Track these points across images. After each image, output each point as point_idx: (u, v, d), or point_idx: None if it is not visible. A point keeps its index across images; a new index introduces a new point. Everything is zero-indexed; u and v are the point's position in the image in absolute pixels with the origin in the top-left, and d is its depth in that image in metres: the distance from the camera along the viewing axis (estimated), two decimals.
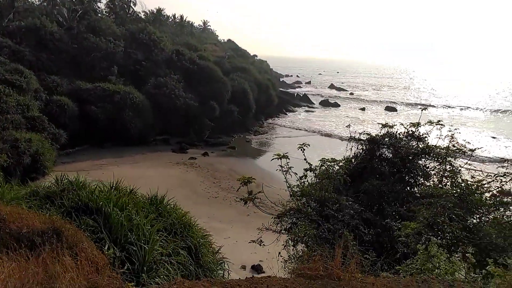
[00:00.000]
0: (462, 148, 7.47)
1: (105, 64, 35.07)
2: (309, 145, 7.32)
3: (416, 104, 66.76)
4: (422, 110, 10.42)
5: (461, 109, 66.75)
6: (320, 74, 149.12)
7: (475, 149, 7.49)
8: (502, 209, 5.88)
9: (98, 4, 49.55)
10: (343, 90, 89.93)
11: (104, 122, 29.95)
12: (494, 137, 42.14)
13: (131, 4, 55.07)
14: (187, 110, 34.97)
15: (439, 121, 7.91)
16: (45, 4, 44.85)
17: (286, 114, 54.44)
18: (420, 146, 7.89)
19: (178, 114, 34.44)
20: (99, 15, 45.75)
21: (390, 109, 63.49)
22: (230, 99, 39.98)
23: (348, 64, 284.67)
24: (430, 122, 7.95)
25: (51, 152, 21.88)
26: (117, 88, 31.98)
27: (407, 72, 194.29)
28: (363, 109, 62.90)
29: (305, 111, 58.96)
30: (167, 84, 34.92)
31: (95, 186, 7.05)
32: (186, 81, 37.75)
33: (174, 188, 17.74)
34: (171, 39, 46.94)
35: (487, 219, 5.87)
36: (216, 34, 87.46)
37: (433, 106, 65.91)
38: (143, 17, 59.36)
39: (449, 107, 68.01)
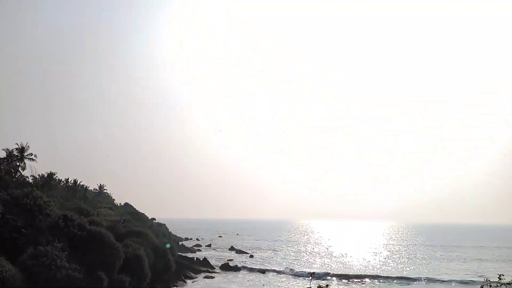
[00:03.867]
0: None
1: None
2: None
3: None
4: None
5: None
6: (220, 236, 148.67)
7: None
8: None
9: None
10: (244, 252, 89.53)
11: None
12: None
13: (19, 169, 52.28)
14: (68, 283, 30.60)
15: None
16: None
17: (185, 282, 51.03)
18: None
19: None
20: None
21: (290, 269, 63.70)
22: (122, 267, 36.54)
23: (249, 223, 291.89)
24: None
25: None
26: None
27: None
28: (263, 271, 62.11)
29: (205, 277, 56.04)
30: (48, 253, 31.03)
31: None
32: (73, 249, 34.10)
33: None
34: (60, 204, 44.06)
35: None
36: (113, 197, 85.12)
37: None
38: (31, 181, 56.06)
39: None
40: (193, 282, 52.82)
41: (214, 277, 56.50)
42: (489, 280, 10.12)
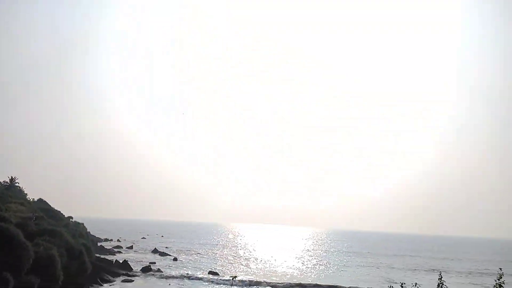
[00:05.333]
0: None
1: None
2: None
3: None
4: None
5: None
6: (144, 238, 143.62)
7: None
8: None
9: None
10: (167, 255, 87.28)
11: None
12: None
13: None
14: None
15: None
16: None
17: (101, 285, 48.23)
18: None
19: None
20: None
21: (213, 273, 63.26)
22: (31, 267, 33.58)
23: (176, 225, 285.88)
24: None
25: None
26: None
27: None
28: (186, 275, 60.92)
29: (123, 280, 53.51)
30: None
31: None
32: None
33: None
34: None
35: None
36: (25, 192, 78.36)
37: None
38: None
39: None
40: (110, 285, 50.17)
41: (133, 281, 54.17)
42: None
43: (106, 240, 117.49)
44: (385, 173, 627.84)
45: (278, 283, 57.12)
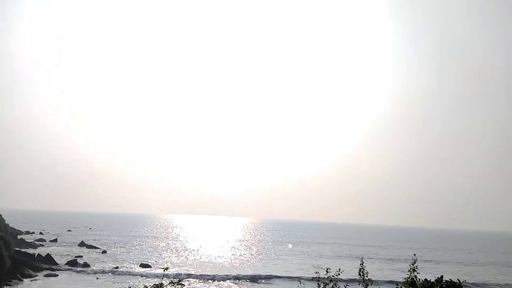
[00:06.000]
0: None
1: None
2: None
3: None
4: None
5: None
6: (69, 230, 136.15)
7: None
8: None
9: None
10: (95, 247, 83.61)
11: None
12: None
13: None
14: None
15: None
16: None
17: (22, 280, 45.12)
18: None
19: None
20: None
21: (144, 266, 61.87)
22: None
23: (106, 217, 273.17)
24: None
25: None
26: None
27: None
28: (115, 269, 58.89)
29: (46, 275, 50.41)
30: None
31: None
32: None
33: None
34: None
35: None
36: None
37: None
38: None
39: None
40: (31, 281, 47.00)
41: (57, 275, 51.19)
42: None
43: (27, 232, 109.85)
44: (309, 161, 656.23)
45: (216, 275, 57.13)
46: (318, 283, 11.44)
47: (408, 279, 11.37)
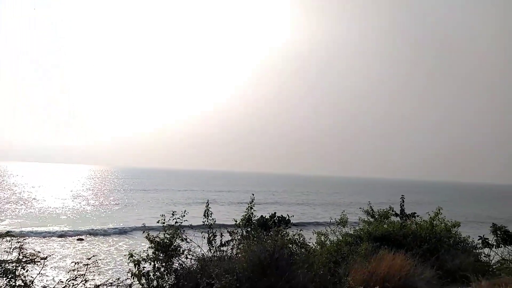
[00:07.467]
0: None
1: None
2: None
3: None
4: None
5: None
6: None
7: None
8: None
9: None
10: None
11: None
12: None
13: None
14: None
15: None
16: None
17: None
18: None
19: None
20: None
21: None
22: None
23: None
24: None
25: None
26: None
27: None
28: None
29: None
30: None
31: None
32: None
33: None
34: None
35: None
36: None
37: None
38: None
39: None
40: None
41: None
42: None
43: None
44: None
45: (51, 231, 52.78)
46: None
47: (246, 215, 12.50)
